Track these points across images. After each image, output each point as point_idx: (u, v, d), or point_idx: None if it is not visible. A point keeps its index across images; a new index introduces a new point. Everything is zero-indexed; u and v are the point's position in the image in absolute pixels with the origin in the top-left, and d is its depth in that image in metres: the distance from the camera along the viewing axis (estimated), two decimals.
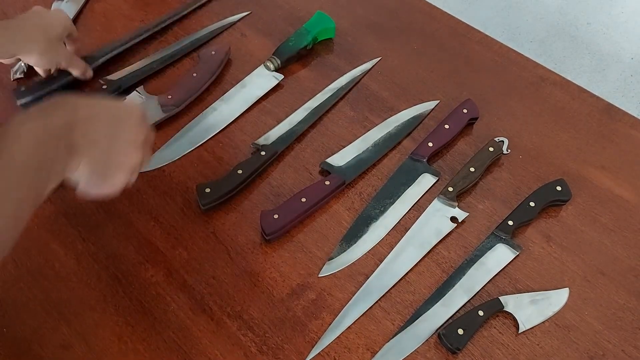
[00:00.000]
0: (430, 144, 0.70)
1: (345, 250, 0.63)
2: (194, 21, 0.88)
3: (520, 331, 0.57)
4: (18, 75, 0.78)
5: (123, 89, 0.76)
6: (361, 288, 0.60)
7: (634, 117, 0.77)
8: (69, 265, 0.61)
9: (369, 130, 0.73)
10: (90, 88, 0.76)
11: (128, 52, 0.82)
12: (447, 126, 0.72)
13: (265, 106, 0.77)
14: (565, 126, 0.76)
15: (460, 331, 0.56)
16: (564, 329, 0.58)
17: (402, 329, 0.57)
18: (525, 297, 0.59)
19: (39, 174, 0.45)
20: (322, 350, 0.56)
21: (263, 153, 0.69)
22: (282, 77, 0.79)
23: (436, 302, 0.59)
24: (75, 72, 0.75)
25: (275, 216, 0.63)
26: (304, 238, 0.64)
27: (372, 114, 0.76)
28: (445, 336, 0.56)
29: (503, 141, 0.71)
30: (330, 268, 0.61)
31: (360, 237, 0.64)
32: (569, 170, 0.71)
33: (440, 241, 0.64)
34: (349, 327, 0.58)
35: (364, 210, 0.66)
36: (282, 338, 0.57)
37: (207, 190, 0.65)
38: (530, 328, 0.58)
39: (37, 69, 0.74)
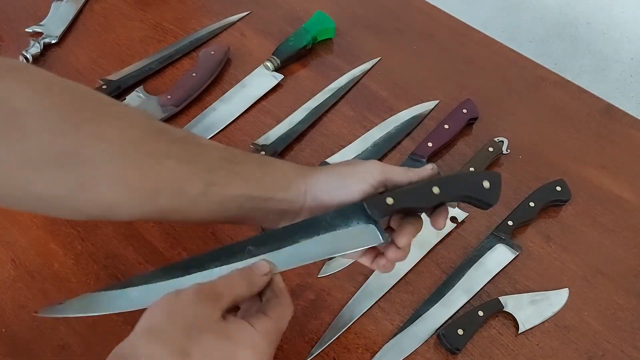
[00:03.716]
0: (429, 144, 0.70)
1: None
2: (193, 21, 0.88)
3: (519, 331, 0.57)
4: None
5: (122, 89, 0.76)
6: (360, 288, 0.60)
7: (633, 117, 0.77)
8: (68, 265, 0.61)
9: (368, 130, 0.73)
10: None
11: (126, 53, 0.83)
12: (446, 126, 0.72)
13: (265, 106, 0.77)
14: (565, 126, 0.76)
15: (460, 331, 0.56)
16: (564, 329, 0.58)
17: (401, 329, 0.57)
18: (525, 297, 0.59)
19: None
20: (322, 350, 0.56)
21: (263, 153, 0.69)
22: (282, 77, 0.79)
23: (436, 303, 0.59)
24: None
25: None
26: None
27: (371, 114, 0.76)
28: (444, 336, 0.56)
29: (503, 141, 0.71)
30: (330, 268, 0.61)
31: None
32: (568, 170, 0.70)
33: (440, 241, 0.64)
34: (348, 327, 0.58)
35: None
36: (281, 338, 0.57)
37: None
38: (530, 328, 0.58)
39: None
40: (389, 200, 0.42)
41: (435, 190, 0.43)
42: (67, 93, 0.38)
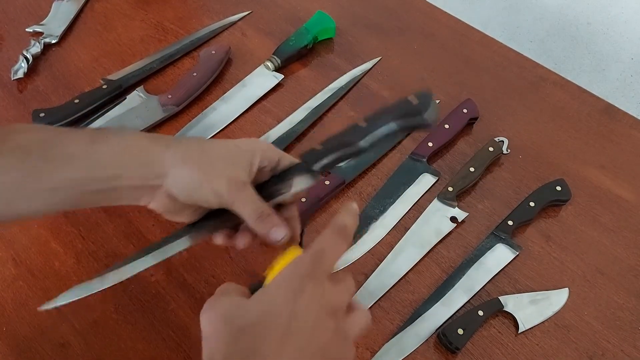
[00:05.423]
0: (430, 144, 0.70)
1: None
2: (194, 20, 0.88)
3: (519, 331, 0.57)
4: (18, 76, 0.78)
5: (123, 89, 0.76)
6: (361, 288, 0.60)
7: (633, 117, 0.77)
8: (69, 264, 0.61)
9: None
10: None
11: (127, 52, 0.83)
12: (447, 126, 0.72)
13: (266, 106, 0.77)
14: (565, 126, 0.76)
15: (460, 331, 0.56)
16: (564, 328, 0.58)
17: (401, 328, 0.57)
18: (525, 297, 0.59)
19: None
20: None
21: None
22: (282, 76, 0.79)
23: (436, 302, 0.59)
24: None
25: None
26: (303, 238, 0.64)
27: None
28: (445, 336, 0.56)
29: (503, 141, 0.71)
30: None
31: (360, 236, 0.64)
32: (568, 170, 0.71)
33: (440, 241, 0.64)
34: None
35: (363, 210, 0.66)
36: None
37: None
38: (530, 328, 0.58)
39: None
40: (317, 146, 0.45)
41: (362, 123, 0.44)
42: None
